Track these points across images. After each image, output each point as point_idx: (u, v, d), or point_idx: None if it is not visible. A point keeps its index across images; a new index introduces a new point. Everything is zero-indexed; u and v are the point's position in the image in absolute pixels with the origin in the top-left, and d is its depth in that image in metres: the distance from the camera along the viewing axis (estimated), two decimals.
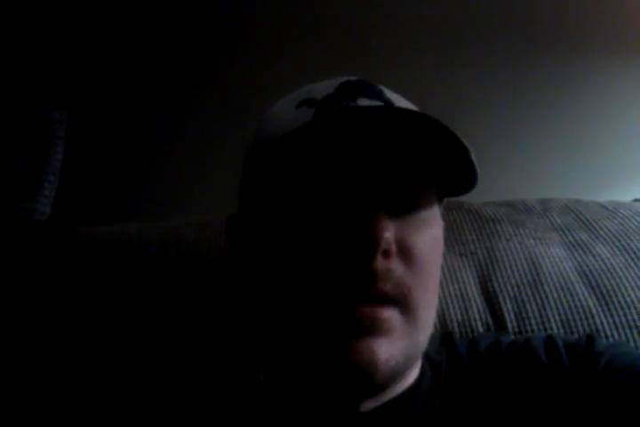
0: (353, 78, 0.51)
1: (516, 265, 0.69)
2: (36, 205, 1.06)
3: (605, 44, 1.18)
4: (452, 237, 0.74)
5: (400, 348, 0.43)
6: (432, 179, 0.48)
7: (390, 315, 0.43)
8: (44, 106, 1.19)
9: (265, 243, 0.48)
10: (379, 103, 0.47)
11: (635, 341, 0.61)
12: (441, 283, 0.67)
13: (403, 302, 0.43)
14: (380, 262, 0.42)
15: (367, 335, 0.42)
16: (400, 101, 0.50)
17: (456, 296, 0.67)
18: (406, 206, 0.46)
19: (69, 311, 0.68)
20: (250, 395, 0.54)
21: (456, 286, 0.68)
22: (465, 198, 0.80)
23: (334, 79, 0.51)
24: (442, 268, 0.68)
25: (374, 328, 0.42)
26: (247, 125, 0.55)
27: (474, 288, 0.68)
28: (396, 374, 0.44)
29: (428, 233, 0.47)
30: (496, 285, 0.68)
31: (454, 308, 0.66)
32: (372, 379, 0.41)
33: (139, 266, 0.73)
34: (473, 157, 0.42)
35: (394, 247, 0.43)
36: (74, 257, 0.74)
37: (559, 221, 0.76)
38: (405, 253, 0.44)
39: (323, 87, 0.50)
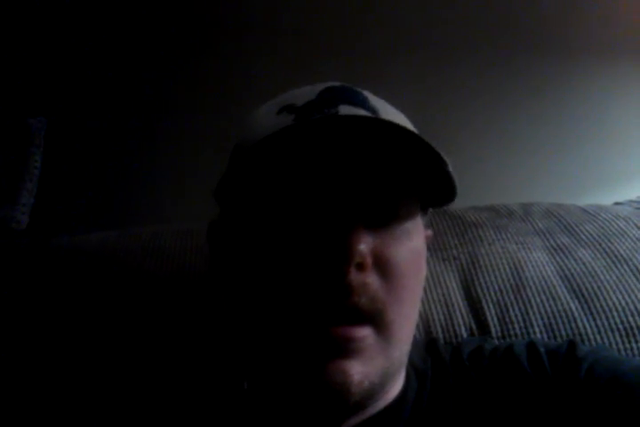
0: (336, 84, 0.50)
1: (499, 270, 0.70)
2: (14, 213, 1.05)
3: (591, 50, 1.19)
4: (435, 243, 0.74)
5: (375, 367, 0.42)
6: (413, 189, 0.47)
7: (364, 334, 0.42)
8: (23, 113, 1.17)
9: (241, 252, 0.47)
10: (361, 111, 0.46)
11: (617, 343, 0.61)
12: (424, 288, 0.68)
13: (377, 319, 0.43)
14: (354, 276, 0.41)
15: (341, 357, 0.41)
16: (385, 109, 0.49)
17: (439, 301, 0.67)
18: (385, 217, 0.45)
19: (47, 322, 0.67)
20: (233, 404, 0.53)
21: (439, 291, 0.68)
22: None
23: (317, 85, 0.50)
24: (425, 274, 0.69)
25: (348, 349, 0.41)
26: (232, 132, 0.54)
27: (457, 293, 0.68)
28: (373, 393, 0.43)
29: (408, 245, 0.46)
30: (479, 289, 0.68)
31: (437, 313, 0.66)
32: (345, 400, 0.41)
33: (119, 275, 0.72)
34: (451, 169, 0.42)
35: (369, 260, 0.42)
36: (51, 267, 0.73)
37: (541, 226, 0.76)
38: (382, 266, 0.43)
39: (305, 93, 0.49)
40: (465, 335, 0.64)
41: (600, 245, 0.72)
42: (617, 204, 0.89)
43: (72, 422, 0.55)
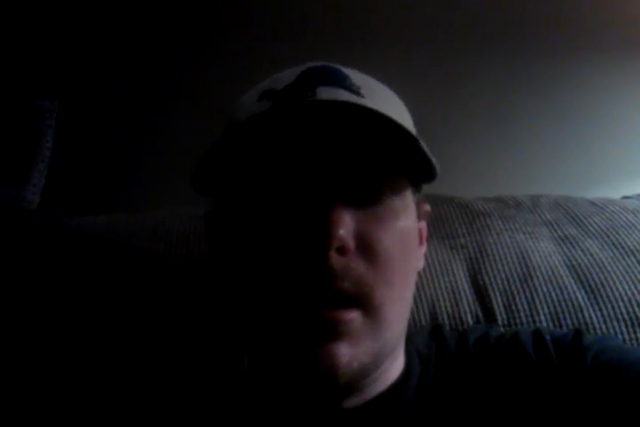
0: (317, 64, 0.49)
1: (506, 259, 0.70)
2: (25, 193, 1.06)
3: (596, 42, 1.18)
4: (443, 231, 0.74)
5: (364, 348, 0.42)
6: (397, 166, 0.46)
7: (352, 317, 0.42)
8: (35, 95, 1.18)
9: (231, 240, 0.48)
10: (340, 91, 0.45)
11: (622, 333, 0.62)
12: (431, 276, 0.69)
13: (364, 302, 0.42)
14: (335, 260, 0.41)
15: (329, 340, 0.41)
16: (368, 84, 0.48)
17: (446, 289, 0.68)
18: (366, 195, 0.44)
19: (55, 304, 0.68)
20: (234, 385, 0.54)
21: (446, 278, 0.69)
22: (456, 193, 0.82)
23: (299, 66, 0.49)
24: (432, 261, 0.70)
25: (335, 332, 0.41)
26: None
27: (464, 281, 0.69)
28: (366, 373, 0.44)
29: (395, 225, 0.45)
30: (486, 278, 0.68)
31: (444, 300, 0.67)
32: (334, 381, 0.41)
33: (127, 257, 0.72)
34: (423, 146, 0.42)
35: (351, 243, 0.42)
36: (61, 247, 0.74)
37: (549, 217, 0.77)
38: (366, 248, 0.43)
39: (286, 76, 0.48)
40: (471, 323, 0.65)
41: (608, 236, 0.72)
42: (625, 197, 0.88)
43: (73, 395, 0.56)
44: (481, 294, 0.67)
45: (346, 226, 0.41)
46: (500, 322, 0.64)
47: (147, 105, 1.21)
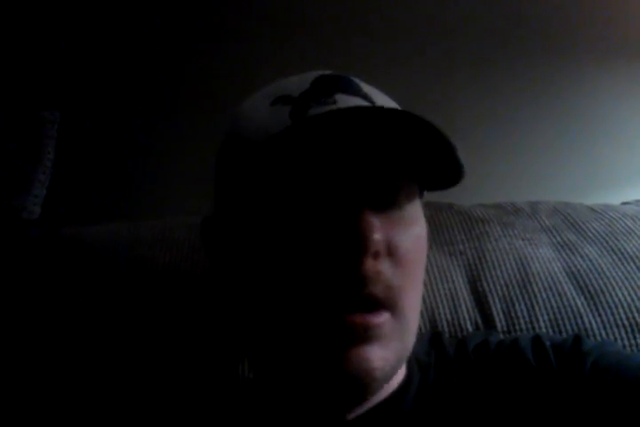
0: (327, 72, 0.49)
1: (505, 265, 0.70)
2: (27, 203, 1.06)
3: (594, 48, 1.19)
4: (442, 238, 0.74)
5: (393, 350, 0.42)
6: (413, 173, 0.47)
7: (382, 321, 0.42)
8: (37, 106, 1.18)
9: (245, 247, 0.47)
10: (357, 99, 0.46)
11: (622, 339, 0.62)
12: (430, 282, 0.69)
13: (392, 305, 0.42)
14: (369, 265, 0.41)
15: (360, 343, 0.41)
16: (377, 94, 0.49)
17: (445, 296, 0.68)
18: (389, 201, 0.45)
19: (55, 313, 0.68)
20: (238, 394, 0.54)
21: (445, 285, 0.69)
22: (455, 200, 0.82)
23: (308, 73, 0.50)
24: (432, 267, 0.70)
25: (367, 336, 0.41)
26: None
27: (463, 288, 0.69)
28: (390, 377, 0.44)
29: (414, 231, 0.46)
30: (485, 284, 0.68)
31: (444, 307, 0.67)
32: (367, 386, 0.41)
33: (128, 267, 0.72)
34: (458, 153, 0.42)
35: (383, 248, 0.42)
36: (62, 257, 0.74)
37: (548, 223, 0.77)
38: (394, 253, 0.43)
39: (297, 82, 0.48)
40: (470, 330, 0.65)
41: (607, 242, 0.72)
42: (624, 203, 0.89)
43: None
44: (480, 301, 0.67)
45: (379, 231, 0.41)
46: (499, 329, 0.64)
47: (147, 116, 1.22)
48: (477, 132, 1.17)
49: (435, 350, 0.54)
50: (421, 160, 0.45)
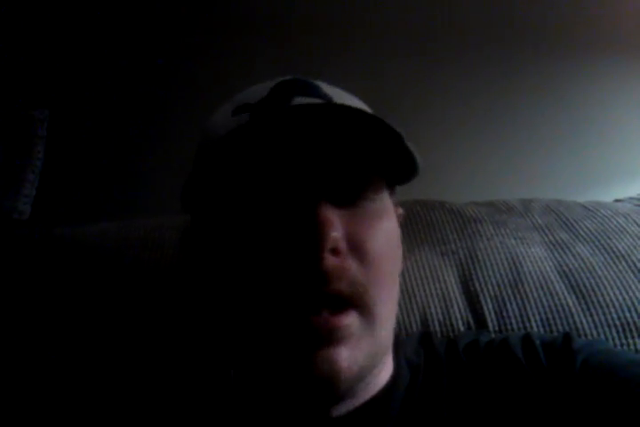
0: (288, 77, 0.50)
1: (497, 264, 0.70)
2: (17, 203, 1.06)
3: (593, 47, 1.19)
4: (434, 237, 0.74)
5: (362, 350, 0.42)
6: (376, 169, 0.47)
7: (349, 322, 0.42)
8: (26, 105, 1.18)
9: (209, 247, 0.47)
10: (315, 100, 0.46)
11: (613, 339, 0.62)
12: (422, 282, 0.69)
13: (359, 302, 0.42)
14: (329, 261, 0.41)
15: (326, 345, 0.41)
16: (339, 95, 0.50)
17: (437, 295, 0.68)
18: (352, 196, 0.45)
19: (45, 314, 0.68)
20: (221, 393, 0.53)
21: (437, 285, 0.69)
22: (447, 198, 0.82)
23: (268, 82, 0.50)
24: (423, 267, 0.70)
25: (333, 337, 0.41)
26: None
27: (455, 287, 0.68)
28: (363, 376, 0.44)
29: (380, 225, 0.46)
30: (477, 284, 0.68)
31: (435, 307, 0.67)
32: (335, 388, 0.41)
33: (119, 267, 0.72)
34: (407, 142, 0.42)
35: (343, 244, 0.42)
36: (52, 257, 0.74)
37: (540, 221, 0.77)
38: (356, 249, 0.43)
39: (257, 90, 0.49)
40: (462, 329, 0.65)
41: (599, 241, 0.72)
42: (617, 201, 0.88)
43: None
44: (472, 301, 0.67)
45: (337, 227, 0.41)
46: (491, 328, 0.64)
47: (138, 115, 1.21)
48: (470, 130, 1.17)
49: (424, 349, 0.54)
50: (380, 154, 0.45)
